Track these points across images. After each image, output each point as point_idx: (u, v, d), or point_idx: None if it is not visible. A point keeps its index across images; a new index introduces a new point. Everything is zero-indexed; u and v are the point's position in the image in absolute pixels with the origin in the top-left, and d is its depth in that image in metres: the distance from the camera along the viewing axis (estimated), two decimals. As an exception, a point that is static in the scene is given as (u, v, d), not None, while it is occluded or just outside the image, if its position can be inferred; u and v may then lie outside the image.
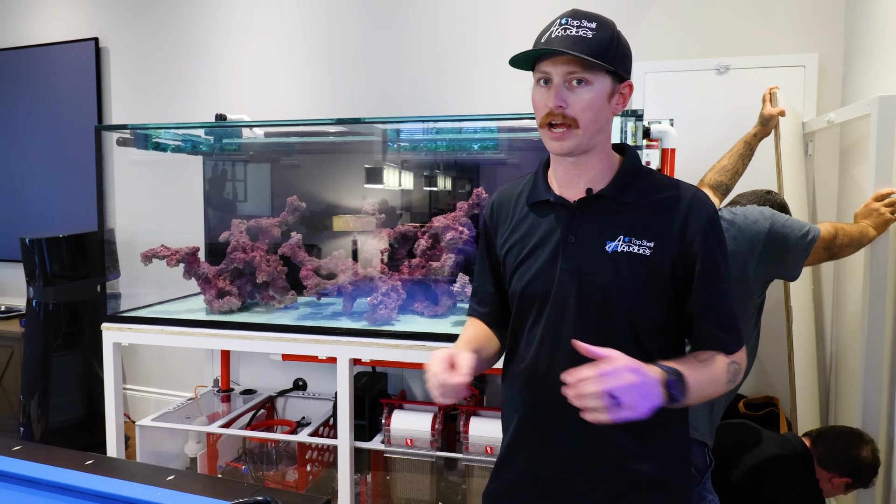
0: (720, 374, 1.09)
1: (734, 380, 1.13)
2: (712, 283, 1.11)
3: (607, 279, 1.11)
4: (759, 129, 2.16)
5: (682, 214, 1.11)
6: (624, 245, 1.11)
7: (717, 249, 1.12)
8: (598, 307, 1.11)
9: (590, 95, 1.08)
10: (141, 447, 2.57)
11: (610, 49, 1.08)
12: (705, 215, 1.11)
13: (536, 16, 2.90)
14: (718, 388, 1.10)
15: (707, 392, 1.07)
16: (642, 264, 1.09)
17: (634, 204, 1.13)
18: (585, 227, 1.14)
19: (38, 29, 3.76)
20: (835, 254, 1.75)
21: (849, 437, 1.81)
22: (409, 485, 2.47)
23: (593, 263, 1.12)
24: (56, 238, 3.16)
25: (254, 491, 1.16)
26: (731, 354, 1.12)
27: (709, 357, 1.10)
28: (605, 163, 1.16)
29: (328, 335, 2.27)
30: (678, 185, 1.15)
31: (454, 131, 2.76)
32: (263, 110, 3.29)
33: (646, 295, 1.11)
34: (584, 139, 1.10)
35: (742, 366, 1.15)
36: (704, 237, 1.10)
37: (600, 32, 1.09)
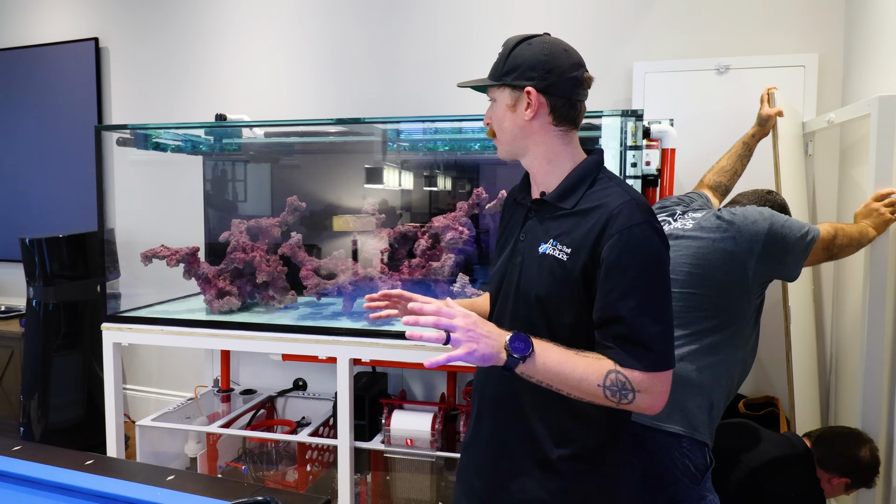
0: (592, 373, 1.08)
1: (620, 392, 1.08)
2: (613, 293, 1.10)
3: (534, 278, 1.20)
4: (757, 130, 2.16)
5: (601, 225, 1.13)
6: (551, 248, 1.18)
7: (629, 260, 1.09)
8: (525, 303, 1.21)
9: (493, 110, 1.25)
10: (141, 447, 2.57)
11: (500, 66, 1.23)
12: (621, 225, 1.11)
13: (536, 16, 2.91)
14: (584, 385, 1.08)
15: (570, 379, 1.08)
16: (559, 268, 1.16)
17: (569, 211, 1.19)
18: (532, 228, 1.25)
19: (38, 29, 3.76)
20: (834, 254, 1.74)
21: (847, 437, 1.81)
22: (409, 485, 2.47)
23: (529, 262, 1.22)
24: (56, 238, 3.16)
25: (254, 491, 1.16)
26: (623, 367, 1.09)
27: (591, 356, 1.10)
28: (549, 167, 1.23)
29: (328, 335, 2.27)
30: (615, 196, 1.16)
31: (454, 131, 2.76)
32: (263, 110, 3.29)
33: (559, 297, 1.17)
34: (503, 146, 1.26)
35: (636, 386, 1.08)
36: (612, 246, 1.10)
37: (501, 54, 1.24)
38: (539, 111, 1.19)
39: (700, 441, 1.56)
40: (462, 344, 1.05)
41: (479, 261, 2.68)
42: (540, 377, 1.09)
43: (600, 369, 1.08)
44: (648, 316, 1.10)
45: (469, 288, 2.27)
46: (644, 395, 1.09)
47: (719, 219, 1.62)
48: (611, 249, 1.10)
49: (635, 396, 1.08)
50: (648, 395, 1.09)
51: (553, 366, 1.08)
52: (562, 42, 1.22)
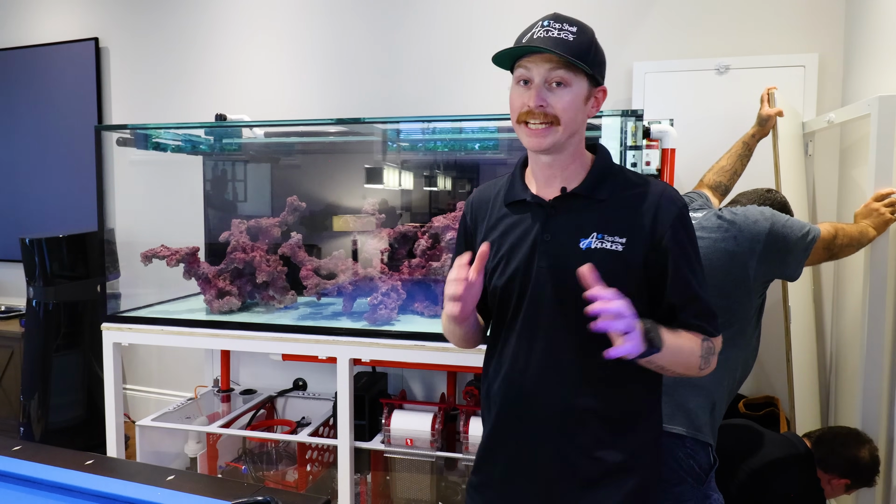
0: (694, 347, 1.14)
1: (707, 359, 1.16)
2: (687, 277, 1.15)
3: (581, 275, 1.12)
4: (757, 130, 2.16)
5: (652, 210, 1.15)
6: (597, 242, 1.14)
7: (688, 244, 1.16)
8: (574, 303, 1.11)
9: (569, 96, 1.12)
10: (141, 447, 2.57)
11: (589, 53, 1.13)
12: (675, 211, 1.15)
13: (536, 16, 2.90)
14: (692, 359, 1.14)
15: (682, 359, 1.12)
16: (615, 260, 1.13)
17: (607, 201, 1.17)
18: (560, 225, 1.18)
19: (38, 29, 3.76)
20: (835, 254, 1.74)
21: (847, 437, 1.81)
22: (409, 485, 2.47)
23: (568, 260, 1.14)
24: (56, 238, 3.16)
25: (254, 491, 1.16)
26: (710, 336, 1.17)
27: (683, 332, 1.15)
28: (578, 162, 1.20)
29: (328, 335, 2.27)
30: (647, 181, 1.20)
31: (454, 131, 2.76)
32: (263, 110, 3.29)
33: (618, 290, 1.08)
34: (562, 137, 1.14)
35: (716, 348, 1.18)
36: (674, 233, 1.14)
37: (580, 37, 1.12)
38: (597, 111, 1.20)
39: (703, 441, 1.56)
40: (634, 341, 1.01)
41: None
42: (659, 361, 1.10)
43: (696, 341, 1.14)
44: (705, 289, 1.18)
45: (469, 288, 2.26)
46: (716, 354, 1.19)
47: (720, 219, 1.62)
48: (675, 233, 1.14)
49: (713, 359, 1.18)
50: (716, 355, 1.19)
51: (674, 347, 1.10)
52: None
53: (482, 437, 1.31)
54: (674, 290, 1.15)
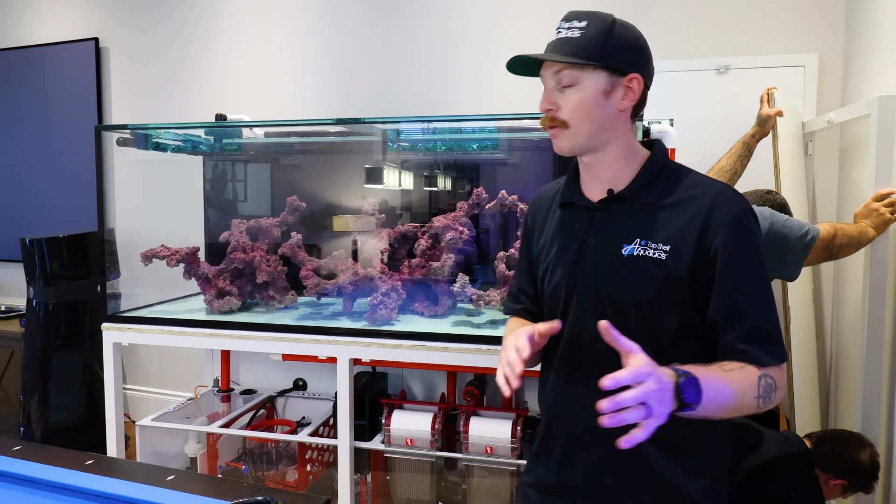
0: (747, 387, 0.98)
1: (767, 396, 1.01)
2: (735, 289, 1.03)
3: (623, 284, 1.08)
4: (756, 130, 2.16)
5: (703, 215, 1.04)
6: (640, 249, 1.07)
7: (744, 251, 1.03)
8: (615, 312, 1.06)
9: (578, 96, 1.07)
10: (141, 447, 2.57)
11: (597, 45, 1.05)
12: (728, 215, 1.04)
13: (536, 16, 2.90)
14: (745, 401, 0.98)
15: (730, 404, 0.97)
16: (658, 269, 1.05)
17: (654, 205, 1.08)
18: (604, 230, 1.12)
19: (38, 29, 3.76)
20: (834, 254, 1.75)
21: (848, 440, 1.81)
22: (409, 485, 2.46)
23: (610, 267, 1.09)
24: (56, 238, 3.16)
25: (254, 491, 1.16)
26: (765, 367, 1.01)
27: (736, 367, 1.00)
28: (624, 161, 1.12)
29: (328, 335, 2.27)
30: (703, 182, 1.09)
31: (454, 131, 2.76)
32: (263, 110, 3.29)
33: (662, 300, 1.06)
34: (580, 139, 1.09)
35: (777, 382, 1.03)
36: (726, 239, 1.03)
37: (589, 30, 1.06)
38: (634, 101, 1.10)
39: None
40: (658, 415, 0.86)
41: (479, 261, 2.68)
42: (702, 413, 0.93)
43: (752, 379, 0.99)
44: (768, 306, 1.04)
45: (469, 288, 2.27)
46: (779, 391, 1.03)
47: None
48: (725, 242, 1.02)
49: (776, 395, 1.03)
50: (781, 390, 1.04)
51: (715, 396, 0.94)
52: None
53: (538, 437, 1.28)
54: (716, 306, 1.03)
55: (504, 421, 2.28)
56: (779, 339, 1.05)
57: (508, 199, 2.34)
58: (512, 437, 2.24)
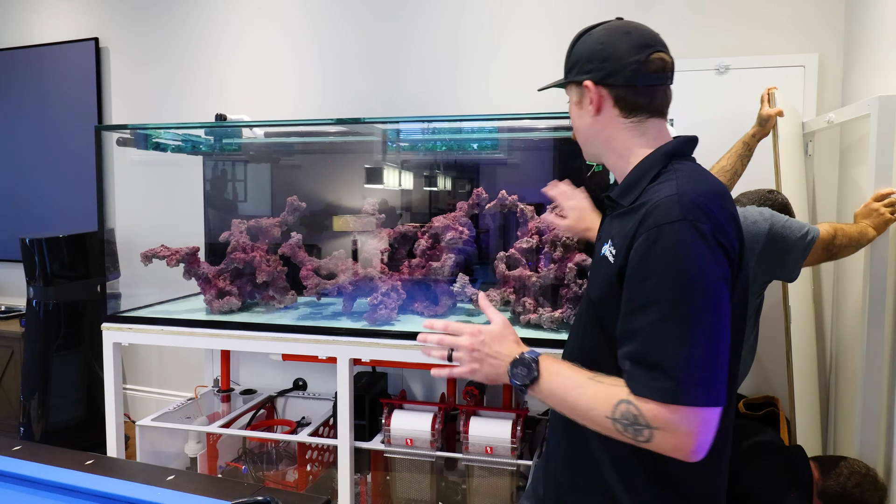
0: (599, 403, 0.94)
1: (631, 427, 0.91)
2: (634, 305, 0.94)
3: (594, 283, 1.13)
4: (757, 130, 2.16)
5: (639, 221, 0.98)
6: (606, 249, 1.08)
7: (657, 266, 0.92)
8: (585, 306, 1.16)
9: (571, 111, 1.19)
10: (141, 447, 2.57)
11: (566, 63, 1.17)
12: (653, 223, 0.95)
13: (536, 16, 2.90)
14: (591, 415, 0.96)
15: (575, 409, 0.98)
16: (609, 270, 1.04)
17: (627, 209, 1.07)
18: (604, 227, 1.20)
19: (38, 29, 3.76)
20: (834, 254, 1.74)
21: (864, 478, 1.71)
22: (409, 485, 2.46)
23: (594, 266, 1.16)
24: (56, 238, 3.16)
25: (254, 491, 1.16)
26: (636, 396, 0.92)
27: (608, 382, 0.96)
28: (623, 163, 1.13)
29: (328, 335, 2.27)
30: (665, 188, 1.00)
31: (454, 131, 2.76)
32: (263, 110, 3.29)
33: (608, 300, 1.03)
34: (583, 148, 1.20)
35: (647, 419, 0.90)
36: (638, 248, 0.95)
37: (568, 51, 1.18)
38: (602, 104, 1.10)
39: None
40: (464, 363, 1.07)
41: (479, 261, 2.68)
42: (549, 403, 1.02)
43: (611, 398, 0.93)
44: (669, 334, 0.90)
45: (469, 288, 2.27)
46: (663, 433, 0.89)
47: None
48: (636, 251, 0.95)
49: (652, 434, 0.90)
50: (669, 435, 0.89)
51: (559, 392, 0.98)
52: (628, 25, 1.11)
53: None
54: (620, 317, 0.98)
55: (504, 421, 2.28)
56: (674, 375, 0.89)
57: (508, 199, 2.34)
58: (512, 438, 2.24)
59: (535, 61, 2.87)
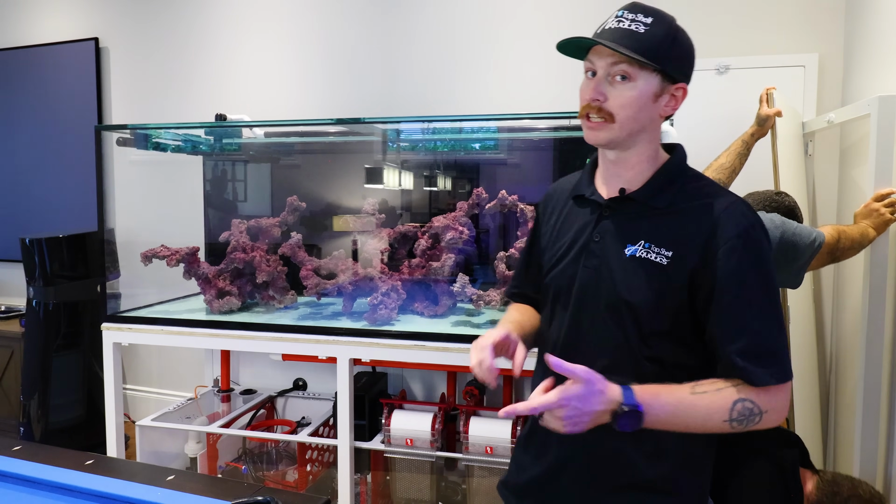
0: (714, 412, 1.00)
1: (746, 420, 1.00)
2: (737, 303, 1.02)
3: (622, 283, 1.09)
4: (756, 129, 2.16)
5: (710, 225, 1.04)
6: (643, 251, 1.07)
7: (749, 265, 1.02)
8: (611, 308, 1.09)
9: (631, 92, 1.06)
10: (141, 447, 2.57)
11: (662, 47, 1.04)
12: (735, 228, 1.03)
13: (536, 16, 2.90)
14: (710, 424, 1.01)
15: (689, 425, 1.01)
16: (658, 273, 1.06)
17: (664, 210, 1.09)
18: (611, 227, 1.13)
19: (38, 29, 3.76)
20: (837, 257, 1.74)
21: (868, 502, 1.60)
22: (409, 485, 2.47)
23: (611, 265, 1.10)
24: (56, 238, 3.16)
25: (254, 491, 1.16)
26: (755, 387, 1.00)
27: (711, 389, 1.01)
28: (647, 164, 1.12)
29: (328, 335, 2.27)
30: (716, 193, 1.08)
31: (454, 131, 2.76)
32: (263, 110, 3.29)
33: (657, 303, 1.06)
34: (620, 135, 1.08)
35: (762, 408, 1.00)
36: (730, 251, 1.02)
37: (654, 28, 1.05)
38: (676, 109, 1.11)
39: None
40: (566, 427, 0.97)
41: (479, 261, 2.68)
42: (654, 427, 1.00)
43: (724, 403, 0.99)
44: (773, 322, 1.02)
45: (469, 288, 2.27)
46: (770, 413, 1.01)
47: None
48: (729, 254, 1.01)
49: (761, 418, 1.01)
50: (773, 413, 1.02)
51: (667, 420, 0.99)
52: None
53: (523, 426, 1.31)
54: (716, 319, 1.03)
55: (504, 421, 2.28)
56: (782, 357, 1.02)
57: (508, 199, 2.34)
58: (512, 438, 2.24)
59: (536, 61, 2.87)
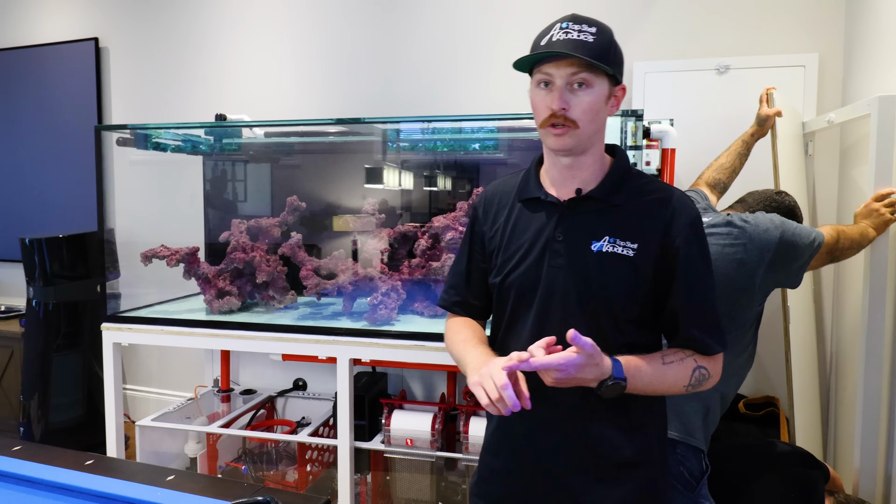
0: (679, 378, 1.16)
1: (698, 385, 1.18)
2: (693, 283, 1.16)
3: (592, 277, 1.16)
4: (755, 130, 2.16)
5: (667, 217, 1.16)
6: (609, 245, 1.16)
7: (699, 251, 1.17)
8: (583, 303, 1.16)
9: (590, 98, 1.13)
10: (141, 447, 2.57)
11: (609, 52, 1.13)
12: (688, 218, 1.16)
13: (536, 16, 2.90)
14: (673, 389, 1.17)
15: (658, 389, 1.16)
16: (625, 265, 1.15)
17: (622, 206, 1.18)
18: (573, 226, 1.19)
19: (38, 29, 3.76)
20: (836, 257, 1.74)
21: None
22: (409, 485, 2.47)
23: (579, 261, 1.17)
24: (56, 238, 3.16)
25: (254, 491, 1.16)
26: (706, 357, 1.18)
27: (676, 359, 1.16)
28: (598, 165, 1.21)
29: (328, 335, 2.27)
30: (663, 188, 1.21)
31: (454, 131, 2.76)
32: (263, 110, 3.29)
33: (627, 293, 1.16)
34: (583, 139, 1.16)
35: (711, 373, 1.18)
36: (686, 239, 1.15)
37: (600, 37, 1.13)
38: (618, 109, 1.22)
39: (695, 447, 1.54)
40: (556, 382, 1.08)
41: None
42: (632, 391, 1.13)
43: (686, 371, 1.15)
44: (715, 300, 1.19)
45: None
46: (714, 377, 1.19)
47: (730, 225, 1.60)
48: (686, 241, 1.15)
49: (709, 381, 1.19)
50: (716, 376, 1.20)
51: (642, 387, 1.13)
52: None
53: (486, 433, 1.33)
54: (678, 295, 1.16)
55: (504, 421, 2.28)
56: (723, 329, 1.20)
57: (508, 199, 2.33)
58: (512, 437, 2.23)
59: (535, 61, 2.86)
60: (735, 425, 2.28)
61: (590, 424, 1.19)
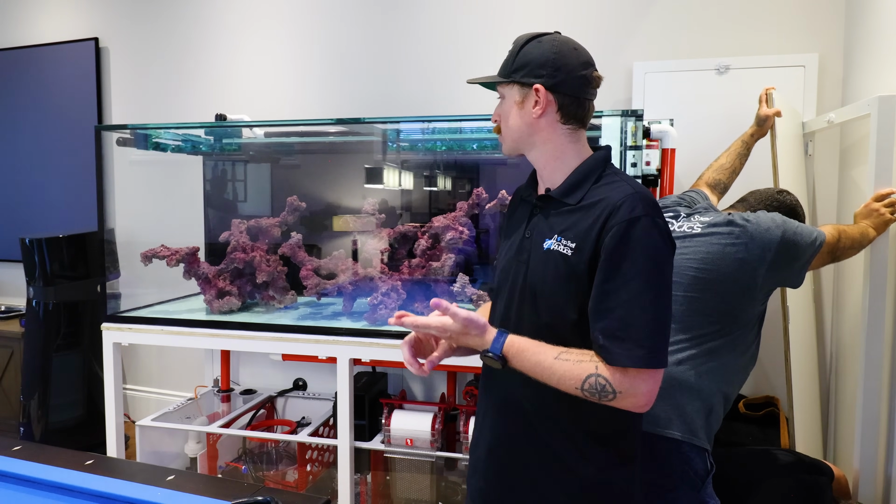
0: (567, 378, 1.10)
1: (596, 395, 1.09)
2: (607, 285, 1.10)
3: (538, 275, 1.20)
4: (755, 130, 2.16)
5: (604, 217, 1.13)
6: (555, 244, 1.18)
7: (626, 252, 1.09)
8: (532, 301, 1.20)
9: (503, 107, 1.27)
10: (141, 447, 2.57)
11: (509, 63, 1.23)
12: (622, 217, 1.10)
13: (536, 16, 2.90)
14: (562, 386, 1.11)
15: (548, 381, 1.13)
16: (563, 264, 1.16)
17: (574, 206, 1.20)
18: (537, 225, 1.25)
19: (38, 29, 3.76)
20: (837, 257, 1.74)
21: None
22: (409, 485, 2.47)
23: (534, 259, 1.22)
24: (56, 238, 3.16)
25: (254, 491, 1.16)
26: (611, 367, 1.08)
27: (573, 359, 1.11)
28: (554, 164, 1.24)
29: (328, 335, 2.27)
30: (619, 190, 1.16)
31: (454, 131, 2.76)
32: (263, 110, 3.29)
33: (565, 293, 1.16)
34: (507, 142, 1.27)
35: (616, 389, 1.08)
36: (612, 239, 1.10)
37: (508, 53, 1.25)
38: (547, 109, 1.20)
39: (699, 446, 1.54)
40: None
41: (479, 261, 2.68)
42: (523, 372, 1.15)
43: (579, 374, 1.09)
44: (640, 309, 1.07)
45: (469, 288, 2.27)
46: (625, 395, 1.08)
47: (731, 224, 1.60)
48: (610, 241, 1.10)
49: (615, 397, 1.09)
50: (631, 396, 1.08)
51: (528, 372, 1.14)
52: (571, 41, 1.23)
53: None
54: (592, 297, 1.12)
55: (504, 421, 2.28)
56: (645, 343, 1.07)
57: (508, 198, 2.34)
58: (512, 437, 2.23)
59: (535, 61, 2.86)
60: (735, 425, 2.28)
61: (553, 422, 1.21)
